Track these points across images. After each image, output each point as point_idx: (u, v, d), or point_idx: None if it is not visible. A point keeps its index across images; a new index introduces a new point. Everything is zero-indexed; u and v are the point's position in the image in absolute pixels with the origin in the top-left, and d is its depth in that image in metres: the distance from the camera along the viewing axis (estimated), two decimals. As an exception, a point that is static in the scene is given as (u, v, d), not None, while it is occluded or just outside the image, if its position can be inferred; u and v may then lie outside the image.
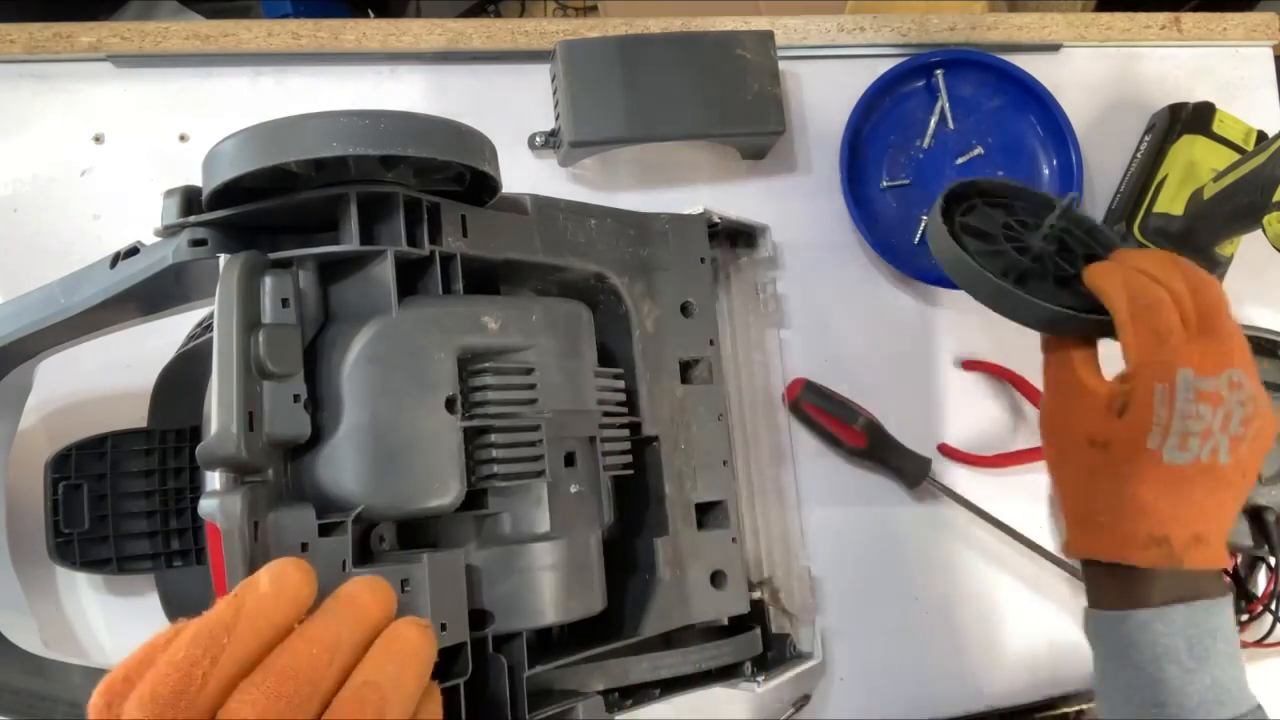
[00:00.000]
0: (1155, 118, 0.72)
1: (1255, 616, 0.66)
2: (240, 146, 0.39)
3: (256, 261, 0.40)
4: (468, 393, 0.42)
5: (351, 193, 0.40)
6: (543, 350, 0.45)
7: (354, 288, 0.41)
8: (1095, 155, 0.72)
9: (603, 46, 0.64)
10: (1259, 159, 0.58)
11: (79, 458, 0.57)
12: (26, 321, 0.49)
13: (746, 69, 0.65)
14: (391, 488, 0.39)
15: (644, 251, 0.54)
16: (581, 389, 0.47)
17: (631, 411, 0.52)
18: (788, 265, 0.69)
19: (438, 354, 0.41)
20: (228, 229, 0.42)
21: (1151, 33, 0.75)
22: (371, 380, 0.40)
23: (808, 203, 0.71)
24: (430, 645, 0.31)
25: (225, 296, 0.38)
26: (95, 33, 0.68)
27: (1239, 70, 0.76)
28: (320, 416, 0.40)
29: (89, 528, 0.57)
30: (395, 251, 0.41)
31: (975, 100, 0.71)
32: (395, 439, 0.40)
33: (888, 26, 0.72)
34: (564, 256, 0.49)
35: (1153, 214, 0.67)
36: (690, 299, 0.56)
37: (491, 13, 1.66)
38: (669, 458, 0.53)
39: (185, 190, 0.42)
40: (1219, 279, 0.68)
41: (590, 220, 0.51)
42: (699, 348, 0.56)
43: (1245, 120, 0.70)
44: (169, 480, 0.59)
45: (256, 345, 0.38)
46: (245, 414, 0.37)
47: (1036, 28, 0.74)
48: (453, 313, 0.42)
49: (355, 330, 0.40)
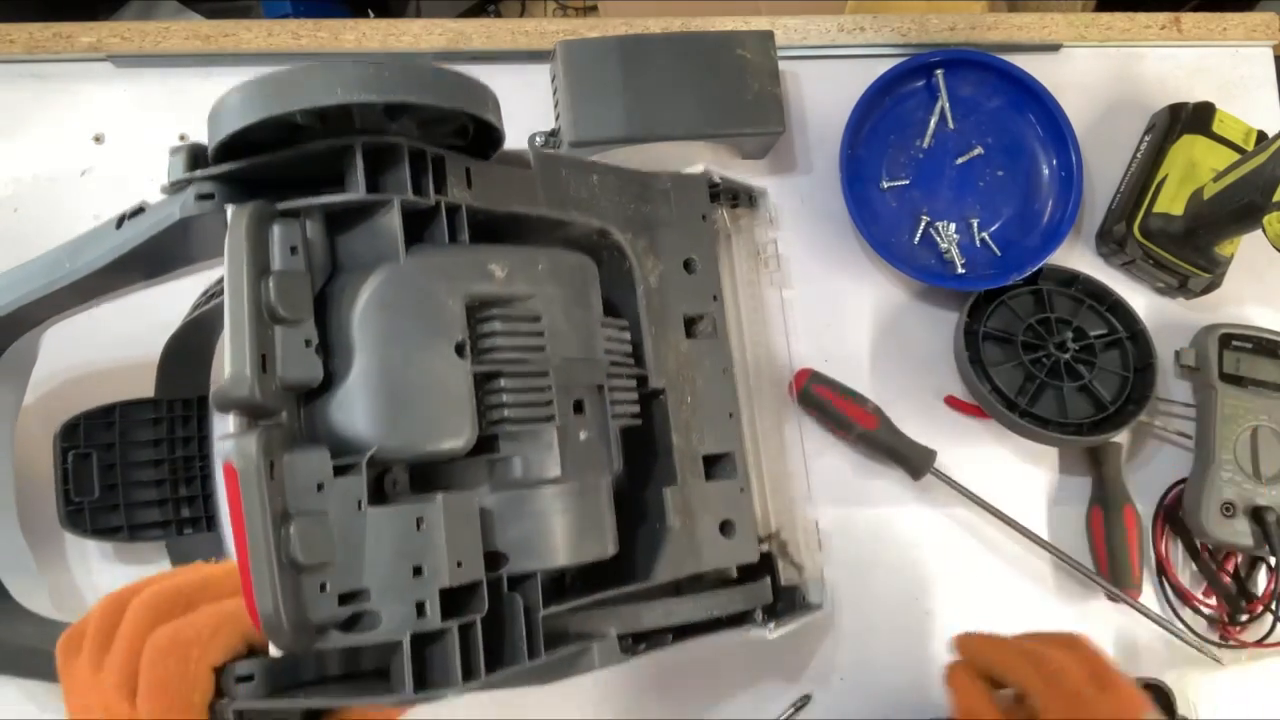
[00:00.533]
0: (1155, 118, 0.73)
1: (1256, 617, 0.66)
2: (245, 98, 0.39)
3: (264, 211, 0.40)
4: (477, 339, 0.43)
5: (357, 143, 0.41)
6: (549, 299, 0.45)
7: (361, 238, 0.42)
8: (1095, 155, 0.72)
9: (602, 46, 0.64)
10: (1259, 159, 0.59)
11: (88, 427, 0.58)
12: (32, 287, 0.50)
13: (746, 69, 0.65)
14: (404, 430, 0.40)
15: (646, 208, 0.55)
16: (589, 338, 0.47)
17: (638, 365, 0.52)
18: (787, 265, 0.69)
19: (446, 300, 0.41)
20: (234, 183, 0.42)
21: (1151, 33, 0.75)
22: (381, 325, 0.40)
23: (808, 202, 0.71)
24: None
25: (235, 243, 0.38)
26: (95, 33, 0.68)
27: (1239, 70, 0.76)
28: (332, 362, 0.40)
29: (99, 496, 0.58)
30: (401, 200, 0.41)
31: (975, 100, 0.72)
32: (406, 383, 0.40)
33: (888, 26, 0.73)
34: (567, 211, 0.50)
35: (1153, 214, 0.68)
36: (693, 255, 0.56)
37: (491, 13, 1.66)
38: (676, 410, 0.53)
39: (191, 147, 0.42)
40: (1219, 279, 0.69)
41: (593, 176, 0.52)
42: (703, 303, 0.56)
43: (1245, 120, 0.70)
44: (178, 449, 0.60)
45: (267, 290, 0.38)
46: (259, 357, 0.37)
47: (1036, 28, 0.74)
48: (459, 260, 0.43)
49: (364, 278, 0.41)
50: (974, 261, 0.70)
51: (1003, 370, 0.66)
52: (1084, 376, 0.66)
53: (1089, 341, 0.67)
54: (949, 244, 0.70)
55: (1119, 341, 0.68)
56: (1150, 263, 0.68)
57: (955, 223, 0.71)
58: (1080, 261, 0.71)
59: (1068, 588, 0.68)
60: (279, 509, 0.37)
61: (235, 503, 0.37)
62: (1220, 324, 0.69)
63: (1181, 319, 0.71)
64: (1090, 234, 0.72)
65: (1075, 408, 0.66)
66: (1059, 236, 0.68)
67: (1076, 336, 0.67)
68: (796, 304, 0.69)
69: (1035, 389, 0.66)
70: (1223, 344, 0.68)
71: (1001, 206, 0.71)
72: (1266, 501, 0.64)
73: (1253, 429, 0.66)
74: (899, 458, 0.67)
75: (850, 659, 0.65)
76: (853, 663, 0.65)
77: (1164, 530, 0.68)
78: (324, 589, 0.38)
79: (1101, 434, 0.65)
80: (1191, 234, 0.66)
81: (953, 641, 0.54)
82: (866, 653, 0.65)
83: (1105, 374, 0.67)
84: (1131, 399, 0.67)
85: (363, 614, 0.39)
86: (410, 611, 0.39)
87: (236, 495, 0.37)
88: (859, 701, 0.65)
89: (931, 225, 0.70)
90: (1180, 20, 0.76)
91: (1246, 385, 0.67)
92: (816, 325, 0.69)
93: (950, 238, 0.70)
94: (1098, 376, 0.67)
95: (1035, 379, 0.66)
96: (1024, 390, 0.66)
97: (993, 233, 0.71)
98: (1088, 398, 0.67)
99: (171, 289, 0.52)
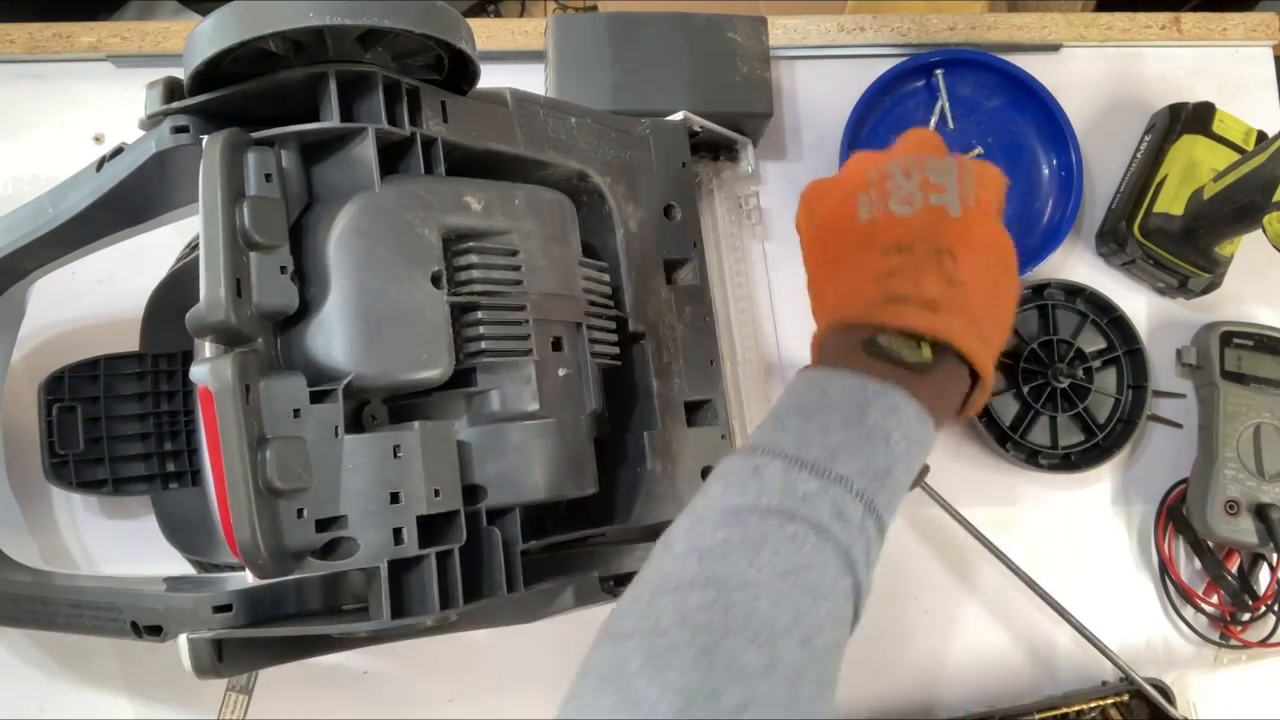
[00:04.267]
0: (1155, 118, 0.72)
1: (1258, 616, 0.65)
2: (218, 24, 0.39)
3: (239, 139, 0.40)
4: (453, 271, 0.43)
5: (330, 70, 0.41)
6: (526, 234, 0.45)
7: (336, 168, 0.42)
8: (1095, 155, 0.72)
9: (594, 22, 0.64)
10: (1259, 159, 0.58)
11: (72, 380, 0.58)
12: (16, 235, 0.50)
13: (737, 51, 0.65)
14: (380, 358, 0.40)
15: (625, 154, 0.55)
16: (567, 276, 0.48)
17: (618, 308, 0.52)
18: (787, 264, 0.68)
19: (422, 229, 0.42)
20: (210, 117, 0.42)
21: (1151, 33, 0.75)
22: (357, 253, 0.40)
23: None
24: None
25: (209, 169, 0.39)
26: (95, 33, 0.68)
27: (1239, 70, 0.75)
28: (308, 290, 0.40)
29: (84, 449, 0.58)
30: (376, 129, 0.41)
31: (975, 100, 0.71)
32: (383, 311, 0.40)
33: (888, 26, 0.72)
34: (546, 152, 0.50)
35: (1153, 214, 0.67)
36: (673, 202, 0.56)
37: (491, 13, 1.67)
38: (656, 355, 0.53)
39: (167, 80, 0.43)
40: (1219, 279, 0.69)
41: (571, 119, 0.52)
42: (683, 249, 0.56)
43: (1245, 120, 0.69)
44: (162, 403, 0.60)
45: (242, 216, 0.38)
46: (233, 281, 0.38)
47: (1036, 28, 0.74)
48: (436, 190, 0.43)
49: (339, 207, 0.41)
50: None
51: (1001, 401, 0.66)
52: (1077, 405, 0.66)
53: (1088, 365, 0.67)
54: (949, 244, 0.70)
55: (1116, 359, 0.67)
56: (1150, 263, 0.68)
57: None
58: (1080, 262, 0.71)
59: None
60: (255, 434, 0.37)
61: (211, 427, 0.37)
62: (1221, 322, 0.68)
63: (1181, 319, 0.71)
64: (1090, 234, 0.71)
65: (1066, 434, 0.66)
66: (1059, 236, 0.68)
67: (1076, 360, 0.67)
68: (797, 304, 0.68)
69: (1030, 418, 0.66)
70: (1224, 342, 0.67)
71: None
72: (1270, 499, 0.64)
73: (1255, 426, 0.65)
74: None
75: (850, 659, 0.64)
76: (853, 663, 0.64)
77: (1166, 529, 0.67)
78: (301, 515, 0.38)
79: (1089, 464, 0.65)
80: (1191, 234, 0.66)
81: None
82: (867, 653, 0.64)
83: (1100, 398, 0.67)
84: (1122, 418, 0.67)
85: (340, 541, 0.39)
86: (388, 538, 0.39)
87: (212, 419, 0.37)
88: (859, 701, 0.64)
89: (931, 226, 0.70)
90: (1180, 20, 0.75)
91: (1248, 383, 0.66)
92: (815, 325, 0.69)
93: (950, 238, 0.70)
94: (1092, 401, 0.67)
95: (1031, 409, 0.66)
96: (1017, 422, 0.66)
97: (993, 233, 0.71)
98: (1078, 424, 0.67)
99: (156, 242, 0.53)
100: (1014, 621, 0.66)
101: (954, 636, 0.65)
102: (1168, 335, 0.70)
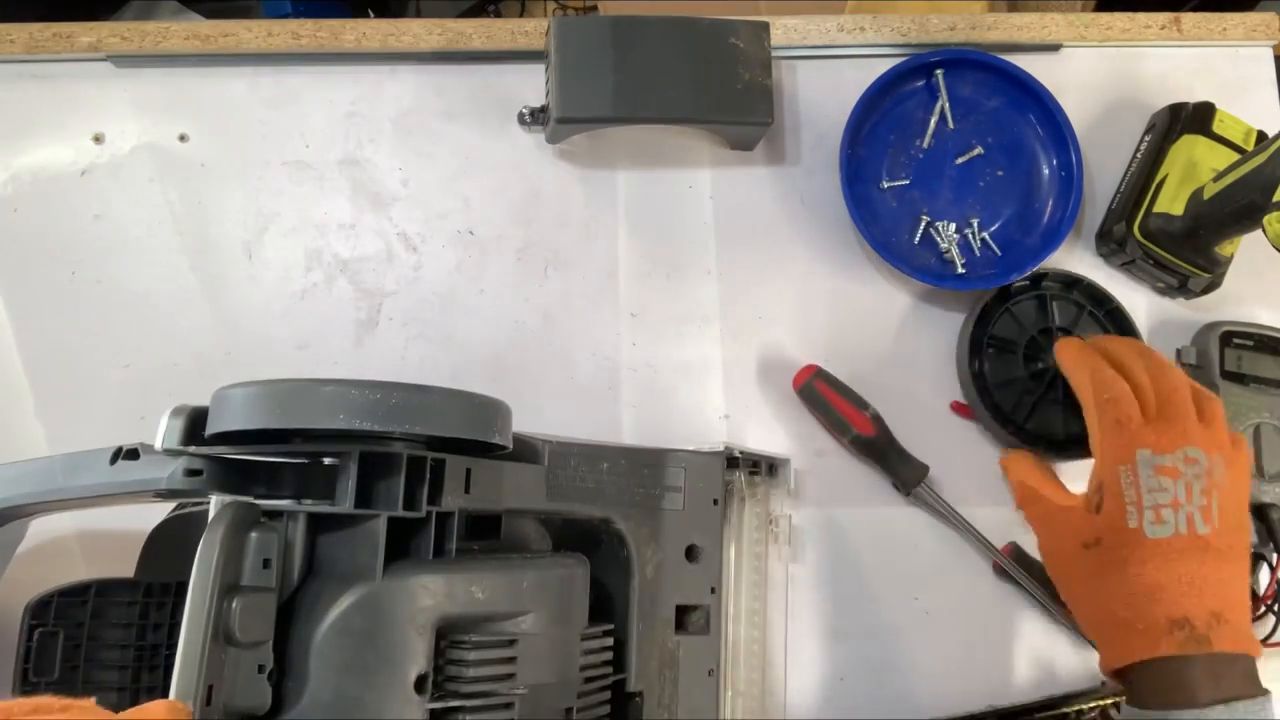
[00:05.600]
0: (1155, 118, 0.71)
1: (1258, 616, 0.64)
2: (249, 402, 0.38)
3: (245, 516, 0.39)
4: (443, 666, 0.41)
5: (354, 452, 0.39)
6: (529, 619, 0.43)
7: (342, 544, 0.40)
8: (1095, 155, 0.71)
9: (597, 25, 0.63)
10: (1259, 159, 0.58)
11: (60, 604, 0.55)
12: (24, 490, 0.49)
13: (739, 58, 0.64)
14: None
15: (655, 491, 0.53)
16: (565, 657, 0.45)
17: (618, 664, 0.50)
18: (786, 264, 0.68)
19: (415, 627, 0.40)
20: (226, 463, 0.41)
21: (1151, 33, 0.74)
22: (342, 654, 0.39)
23: (807, 201, 0.70)
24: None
25: (206, 554, 0.37)
26: (95, 33, 0.69)
27: (1239, 70, 0.74)
28: (285, 684, 0.39)
29: (58, 678, 0.55)
30: (390, 516, 0.39)
31: (975, 100, 0.70)
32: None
33: (888, 26, 0.72)
34: (570, 504, 0.48)
35: (1153, 214, 0.66)
36: (697, 542, 0.54)
37: (491, 13, 1.62)
38: (651, 712, 0.51)
39: (191, 413, 0.41)
40: (1219, 279, 0.68)
41: (603, 464, 0.50)
42: (699, 595, 0.54)
43: (1245, 120, 0.68)
44: (148, 635, 0.57)
45: (230, 613, 0.37)
46: (205, 689, 0.36)
47: (1036, 28, 0.73)
48: (439, 580, 0.41)
49: (336, 594, 0.39)
50: (974, 261, 0.69)
51: (1003, 383, 0.65)
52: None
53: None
54: (949, 244, 0.68)
55: None
56: (1150, 263, 0.67)
57: (955, 222, 0.69)
58: (1080, 261, 0.70)
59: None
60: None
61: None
62: (1221, 322, 0.67)
63: (1181, 319, 0.70)
64: (1090, 234, 0.71)
65: (1071, 423, 0.65)
66: (1059, 236, 0.67)
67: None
68: (797, 304, 0.68)
69: (1033, 403, 0.64)
70: (1224, 342, 0.66)
71: (1001, 206, 0.70)
72: (1271, 499, 0.63)
73: (1255, 426, 0.65)
74: (891, 469, 0.65)
75: (850, 659, 0.64)
76: (853, 663, 0.64)
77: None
78: None
79: (1088, 454, 0.64)
80: (1191, 234, 0.65)
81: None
82: (866, 653, 0.64)
83: None
84: None
85: None
86: None
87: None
88: (859, 701, 0.64)
89: (931, 225, 0.69)
90: (1180, 20, 0.74)
91: (1248, 383, 0.66)
92: (815, 323, 0.68)
93: (950, 238, 0.69)
94: None
95: (1034, 393, 0.65)
96: (1021, 405, 0.65)
97: (993, 233, 0.69)
98: (1077, 416, 0.64)
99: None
100: (1014, 621, 0.66)
101: (954, 636, 0.65)
102: (1168, 335, 0.69)
